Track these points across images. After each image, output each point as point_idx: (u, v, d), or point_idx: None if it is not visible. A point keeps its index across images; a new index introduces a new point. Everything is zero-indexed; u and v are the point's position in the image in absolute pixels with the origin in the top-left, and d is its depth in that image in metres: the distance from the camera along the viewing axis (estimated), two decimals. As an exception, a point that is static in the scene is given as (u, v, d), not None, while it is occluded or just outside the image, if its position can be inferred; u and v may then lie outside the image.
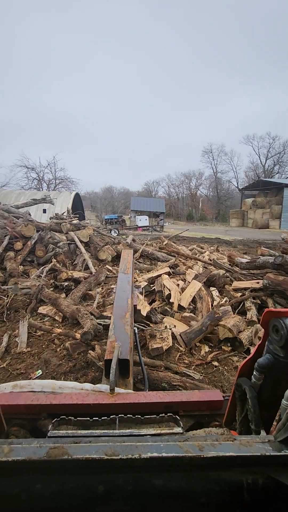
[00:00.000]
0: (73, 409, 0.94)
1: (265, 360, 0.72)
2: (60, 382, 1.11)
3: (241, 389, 0.79)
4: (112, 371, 1.02)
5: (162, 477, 0.54)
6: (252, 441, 0.59)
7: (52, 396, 0.98)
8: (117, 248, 8.42)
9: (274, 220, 31.06)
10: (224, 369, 2.92)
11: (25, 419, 0.95)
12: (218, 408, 0.98)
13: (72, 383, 1.12)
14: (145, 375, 1.64)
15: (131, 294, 1.90)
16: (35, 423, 0.94)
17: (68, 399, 0.96)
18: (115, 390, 1.00)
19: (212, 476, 0.55)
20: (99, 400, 0.96)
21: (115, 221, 24.75)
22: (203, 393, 1.02)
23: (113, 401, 0.95)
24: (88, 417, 0.84)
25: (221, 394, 1.01)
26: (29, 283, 4.80)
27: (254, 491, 0.54)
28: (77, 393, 1.03)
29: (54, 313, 4.18)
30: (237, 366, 2.97)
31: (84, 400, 0.95)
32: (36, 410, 0.94)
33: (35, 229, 7.15)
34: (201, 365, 3.01)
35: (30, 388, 1.07)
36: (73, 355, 3.05)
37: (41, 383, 1.09)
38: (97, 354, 2.79)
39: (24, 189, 32.25)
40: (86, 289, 5.23)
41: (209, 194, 59.71)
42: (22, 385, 1.07)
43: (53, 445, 0.54)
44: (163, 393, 1.01)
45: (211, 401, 0.98)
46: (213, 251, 9.92)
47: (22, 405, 0.94)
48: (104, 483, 0.52)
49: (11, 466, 0.51)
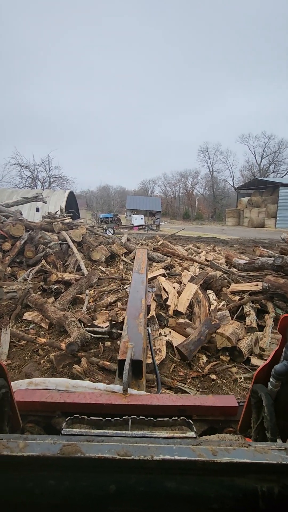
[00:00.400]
0: (86, 408, 0.95)
1: (283, 367, 0.70)
2: (73, 381, 1.13)
3: (257, 395, 0.77)
4: (125, 372, 1.01)
5: (175, 480, 0.53)
6: (268, 448, 0.58)
7: (66, 395, 0.99)
8: (111, 248, 8.16)
9: (270, 219, 30.99)
10: (223, 383, 2.68)
11: (40, 416, 0.96)
12: (232, 414, 0.97)
13: (86, 383, 1.14)
14: (158, 376, 1.62)
15: (145, 295, 1.88)
16: (49, 421, 0.95)
17: (82, 398, 0.97)
18: (128, 391, 0.99)
19: (226, 481, 0.54)
20: (112, 400, 0.96)
21: (111, 220, 24.41)
22: (217, 398, 1.00)
23: (126, 402, 0.95)
24: (100, 417, 0.84)
25: (236, 400, 0.99)
26: (15, 286, 4.50)
27: (270, 500, 0.52)
28: (90, 392, 1.03)
29: (40, 319, 3.90)
30: (236, 379, 2.73)
31: (97, 400, 0.96)
32: (51, 407, 0.95)
33: (24, 228, 6.85)
34: (197, 378, 2.77)
35: (45, 386, 1.08)
36: (58, 368, 2.78)
37: (55, 381, 1.11)
38: (82, 369, 2.53)
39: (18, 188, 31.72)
40: (76, 292, 4.95)
41: (205, 193, 59.60)
42: (37, 383, 1.09)
43: (66, 443, 0.55)
44: (176, 396, 1.01)
45: (225, 406, 0.96)
46: (209, 250, 9.70)
47: (37, 402, 0.96)
48: (116, 483, 0.52)
49: (25, 461, 0.52)
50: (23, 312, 4.13)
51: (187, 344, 2.99)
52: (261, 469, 0.54)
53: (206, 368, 2.84)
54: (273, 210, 30.76)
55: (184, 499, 0.53)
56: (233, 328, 3.20)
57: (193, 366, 2.92)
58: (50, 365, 2.88)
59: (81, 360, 2.66)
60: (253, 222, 32.29)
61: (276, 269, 4.44)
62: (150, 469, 0.54)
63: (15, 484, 0.52)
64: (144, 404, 0.95)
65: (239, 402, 0.96)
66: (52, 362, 2.86)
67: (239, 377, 2.74)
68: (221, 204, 53.35)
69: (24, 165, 36.06)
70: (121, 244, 8.63)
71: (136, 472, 0.54)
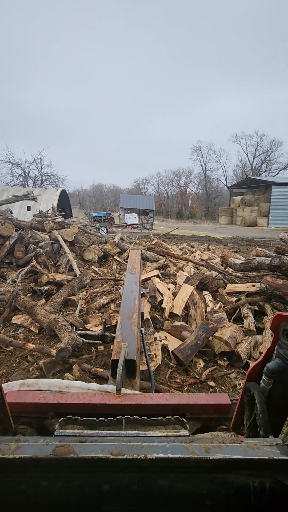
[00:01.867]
0: (79, 409, 0.94)
1: (275, 364, 0.70)
2: (66, 382, 1.12)
3: (249, 393, 0.77)
4: (119, 372, 1.01)
5: (168, 478, 0.54)
6: (260, 444, 0.58)
7: (59, 395, 0.98)
8: (104, 247, 7.98)
9: (262, 217, 31.15)
10: (221, 390, 2.56)
11: (32, 417, 0.95)
12: (225, 412, 0.96)
13: (79, 383, 1.12)
14: (152, 376, 1.64)
15: (139, 295, 1.86)
16: (42, 422, 0.94)
17: (75, 398, 0.96)
18: (121, 391, 0.99)
19: (218, 478, 0.54)
20: (105, 400, 0.95)
21: (104, 219, 24.12)
22: (210, 396, 1.00)
23: (120, 401, 0.95)
24: (94, 417, 0.84)
25: (229, 398, 0.99)
26: (3, 288, 4.30)
27: (261, 495, 0.53)
28: (84, 393, 1.02)
29: (30, 323, 3.72)
30: (235, 385, 2.62)
31: (90, 400, 0.95)
32: (43, 408, 0.94)
33: (14, 228, 6.61)
34: (194, 384, 2.64)
35: (37, 387, 1.06)
36: (47, 376, 2.62)
37: (48, 382, 1.09)
38: (74, 377, 2.37)
39: (9, 186, 31.09)
40: (68, 294, 4.77)
41: (199, 192, 59.57)
42: (29, 384, 1.07)
43: (59, 444, 0.55)
44: (170, 395, 1.00)
45: (218, 404, 0.96)
46: (203, 250, 9.62)
47: (30, 404, 0.94)
48: (109, 482, 0.52)
49: (17, 463, 0.52)
50: (12, 315, 3.94)
51: (183, 348, 2.87)
52: (253, 465, 0.55)
53: (204, 374, 2.72)
54: (266, 209, 30.95)
55: (178, 496, 0.53)
56: (231, 332, 3.09)
57: (190, 372, 2.79)
58: (39, 373, 2.71)
59: (73, 367, 2.51)
60: (246, 220, 32.44)
61: (273, 270, 4.35)
62: (144, 467, 0.54)
63: (8, 486, 0.52)
64: (138, 403, 0.95)
65: (232, 400, 0.96)
66: (41, 369, 2.70)
67: (238, 383, 2.63)
68: (214, 202, 53.51)
69: (15, 162, 35.37)
70: (114, 243, 8.46)
71: (130, 471, 0.54)
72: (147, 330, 3.33)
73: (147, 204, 33.97)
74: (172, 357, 2.93)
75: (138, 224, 27.51)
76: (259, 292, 4.03)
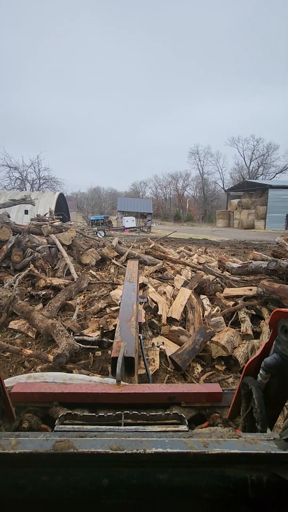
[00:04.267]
0: (82, 398, 0.99)
1: (273, 360, 0.72)
2: (70, 374, 1.21)
3: (247, 387, 0.79)
4: (119, 365, 1.05)
5: (167, 472, 0.54)
6: (257, 438, 0.60)
7: (63, 386, 1.03)
8: (102, 251, 7.98)
9: (259, 220, 31.33)
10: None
11: (38, 406, 0.99)
12: (218, 400, 1.01)
13: (81, 376, 1.22)
14: (148, 372, 1.85)
15: (137, 301, 1.96)
16: (46, 411, 0.98)
17: (78, 388, 1.01)
18: (121, 383, 1.03)
19: (216, 472, 0.55)
20: (106, 390, 0.99)
21: (101, 222, 24.12)
22: (203, 386, 1.05)
23: (120, 391, 0.99)
24: (96, 405, 0.89)
25: (220, 387, 1.03)
26: (0, 293, 4.29)
27: (259, 488, 0.54)
28: (86, 384, 1.07)
29: (27, 328, 3.71)
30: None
31: (92, 390, 0.99)
32: (49, 398, 0.99)
33: (11, 231, 6.60)
34: (192, 389, 2.64)
35: (43, 379, 1.13)
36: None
37: (53, 374, 1.18)
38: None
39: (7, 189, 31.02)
40: (65, 298, 4.76)
41: (196, 195, 59.89)
42: (35, 376, 1.16)
43: (59, 439, 0.55)
44: (166, 385, 1.06)
45: (211, 393, 1.01)
46: (201, 253, 9.64)
47: (36, 393, 0.99)
48: (109, 477, 0.53)
49: (18, 458, 0.53)
50: (9, 320, 3.93)
51: (181, 353, 2.87)
52: (251, 459, 0.56)
53: (202, 379, 2.72)
54: (263, 211, 31.13)
55: (176, 490, 0.54)
56: (228, 336, 3.09)
57: (188, 377, 2.79)
58: (36, 379, 2.70)
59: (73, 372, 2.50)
60: (243, 223, 32.59)
61: (270, 273, 4.38)
62: (143, 462, 0.54)
63: (8, 481, 0.52)
64: (136, 392, 0.99)
65: (224, 390, 1.02)
66: (38, 375, 2.68)
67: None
68: (211, 205, 53.76)
69: (13, 166, 35.28)
70: (112, 247, 8.45)
71: (129, 465, 0.55)
72: (144, 335, 3.33)
73: (145, 207, 34.03)
74: (170, 362, 2.93)
75: (136, 227, 27.53)
76: (256, 296, 4.05)
